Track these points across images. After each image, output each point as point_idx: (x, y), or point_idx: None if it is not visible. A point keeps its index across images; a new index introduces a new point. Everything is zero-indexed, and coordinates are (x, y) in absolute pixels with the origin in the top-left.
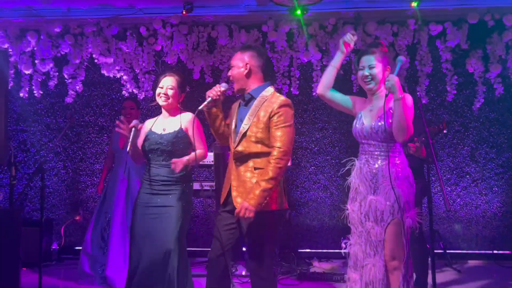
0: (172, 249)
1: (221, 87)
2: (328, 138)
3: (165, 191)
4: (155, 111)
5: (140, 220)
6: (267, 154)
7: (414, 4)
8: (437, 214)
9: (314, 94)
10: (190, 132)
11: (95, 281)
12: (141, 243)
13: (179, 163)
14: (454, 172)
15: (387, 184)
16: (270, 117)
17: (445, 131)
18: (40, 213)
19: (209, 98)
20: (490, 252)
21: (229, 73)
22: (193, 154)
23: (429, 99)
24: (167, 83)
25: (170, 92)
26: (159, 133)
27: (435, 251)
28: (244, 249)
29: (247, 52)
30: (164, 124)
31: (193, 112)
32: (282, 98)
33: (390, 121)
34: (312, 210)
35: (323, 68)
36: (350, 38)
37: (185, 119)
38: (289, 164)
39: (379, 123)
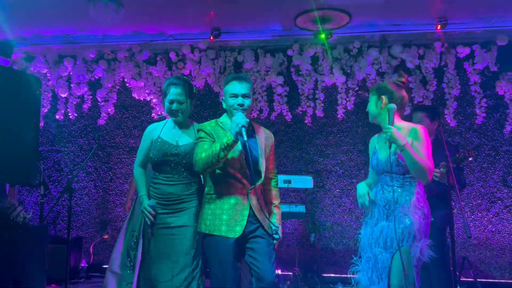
0: (191, 274)
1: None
2: (354, 161)
3: (179, 210)
4: None
5: (154, 242)
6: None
7: (439, 26)
8: (467, 241)
9: (339, 116)
10: None
11: None
12: (157, 266)
13: None
14: (485, 197)
15: (400, 211)
16: (270, 147)
17: (471, 159)
18: (67, 231)
19: (243, 128)
20: None
21: (248, 104)
22: None
23: (458, 122)
24: (177, 97)
25: (181, 107)
26: (173, 143)
27: (466, 279)
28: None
29: (251, 84)
30: (176, 135)
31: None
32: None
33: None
34: (337, 234)
35: (347, 91)
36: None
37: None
38: (311, 186)
39: (392, 158)
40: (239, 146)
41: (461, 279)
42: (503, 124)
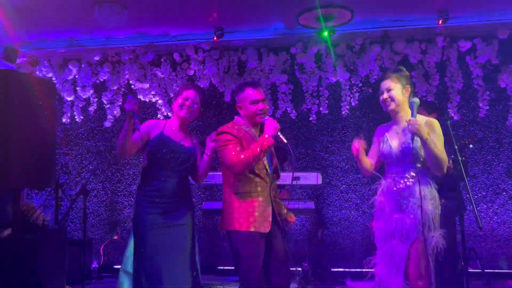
0: (193, 269)
1: None
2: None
3: (175, 208)
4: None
5: (153, 241)
6: None
7: (441, 21)
8: (474, 232)
9: (343, 113)
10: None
11: None
12: (157, 266)
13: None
14: (490, 189)
15: (414, 203)
16: None
17: (471, 146)
18: (83, 233)
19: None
20: None
21: (266, 106)
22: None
23: (461, 116)
24: (193, 97)
25: (194, 107)
26: (178, 141)
27: (473, 270)
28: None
29: None
30: (179, 135)
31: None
32: None
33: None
34: (345, 229)
35: (351, 87)
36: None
37: (196, 141)
38: (319, 182)
39: (408, 147)
40: None
41: (468, 270)
42: (506, 116)
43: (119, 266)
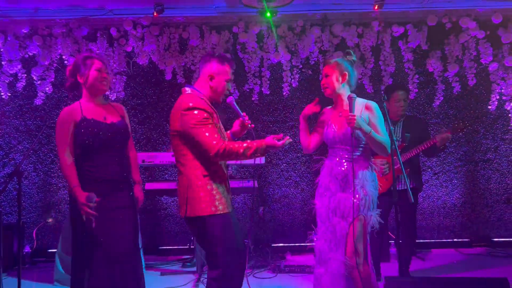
0: (135, 249)
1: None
2: (298, 136)
3: (117, 191)
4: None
5: (95, 226)
6: None
7: (377, 6)
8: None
9: (284, 93)
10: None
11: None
12: (100, 245)
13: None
14: None
15: (357, 184)
16: None
17: (465, 130)
18: (18, 216)
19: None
20: (451, 240)
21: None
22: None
23: None
24: (103, 66)
25: (109, 77)
26: (102, 121)
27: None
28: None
29: None
30: (101, 112)
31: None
32: None
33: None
34: (284, 206)
35: (292, 69)
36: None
37: (121, 109)
38: (263, 161)
39: (350, 132)
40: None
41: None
42: (432, 99)
43: (53, 250)
